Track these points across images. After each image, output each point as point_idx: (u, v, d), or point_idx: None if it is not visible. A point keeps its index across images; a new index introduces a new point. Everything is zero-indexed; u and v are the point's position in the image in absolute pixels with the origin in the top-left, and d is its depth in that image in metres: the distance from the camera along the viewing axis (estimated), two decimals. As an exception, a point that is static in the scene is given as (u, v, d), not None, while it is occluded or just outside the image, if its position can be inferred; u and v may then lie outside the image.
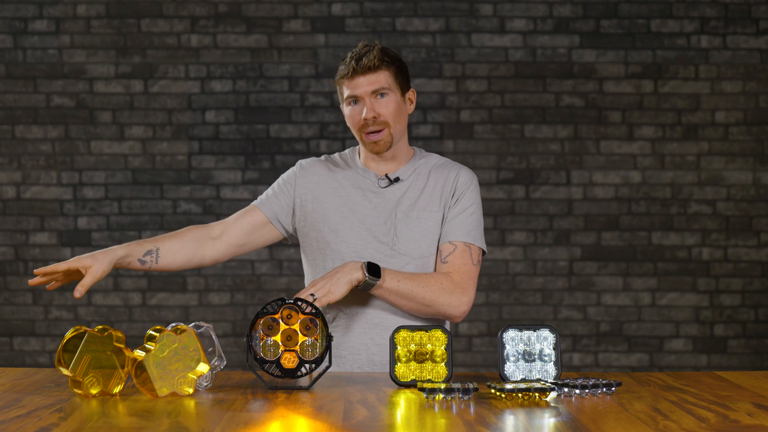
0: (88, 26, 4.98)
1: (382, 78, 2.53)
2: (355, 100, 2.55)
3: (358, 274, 2.42)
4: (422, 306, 2.49)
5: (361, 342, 2.56)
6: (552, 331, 2.20)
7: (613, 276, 5.00)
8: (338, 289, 2.39)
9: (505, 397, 2.02)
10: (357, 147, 2.71)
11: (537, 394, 2.00)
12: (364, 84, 2.52)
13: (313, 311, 2.19)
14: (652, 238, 5.00)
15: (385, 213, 2.59)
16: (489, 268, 4.99)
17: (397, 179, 2.61)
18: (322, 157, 2.72)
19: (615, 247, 5.00)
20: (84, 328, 2.10)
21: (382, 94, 2.54)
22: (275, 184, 2.70)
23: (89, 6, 4.97)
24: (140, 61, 4.99)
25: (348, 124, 2.61)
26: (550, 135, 5.00)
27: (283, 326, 2.17)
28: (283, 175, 2.70)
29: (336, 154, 2.73)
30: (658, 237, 5.00)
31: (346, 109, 2.58)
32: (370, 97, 2.53)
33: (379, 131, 2.54)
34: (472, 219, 2.60)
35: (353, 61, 2.52)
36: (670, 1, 4.99)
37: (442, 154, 4.97)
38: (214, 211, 4.96)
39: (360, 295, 2.54)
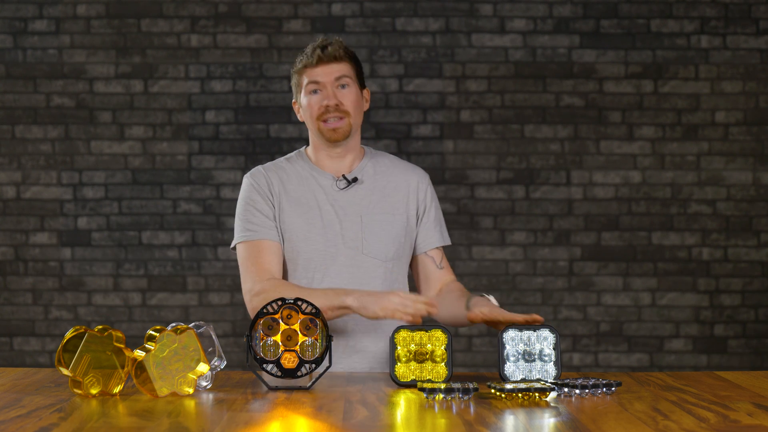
0: (88, 26, 4.98)
1: (345, 69, 2.53)
2: (315, 89, 2.52)
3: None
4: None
5: (341, 368, 2.56)
6: (552, 331, 2.20)
7: (613, 276, 5.00)
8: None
9: (505, 397, 2.02)
10: (303, 149, 2.66)
11: (537, 394, 2.00)
12: (328, 72, 2.51)
13: (313, 311, 2.19)
14: (652, 238, 5.00)
15: (351, 216, 2.56)
16: (489, 268, 4.99)
17: (355, 179, 2.58)
18: (268, 165, 2.63)
19: (615, 247, 5.00)
20: (84, 328, 2.10)
21: (343, 85, 2.52)
22: (251, 206, 2.56)
23: (89, 6, 4.97)
24: (140, 61, 4.99)
25: (304, 115, 2.56)
26: (550, 135, 5.00)
27: (283, 326, 2.17)
28: (249, 196, 2.57)
29: (281, 160, 2.64)
30: (658, 237, 5.00)
31: (305, 99, 2.54)
32: (332, 84, 2.51)
33: (340, 119, 2.52)
34: (441, 220, 2.69)
35: (319, 50, 2.51)
36: (670, 1, 4.99)
37: (441, 154, 4.97)
38: (214, 211, 4.96)
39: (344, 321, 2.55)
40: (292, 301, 2.18)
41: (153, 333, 2.13)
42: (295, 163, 2.62)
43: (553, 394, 2.06)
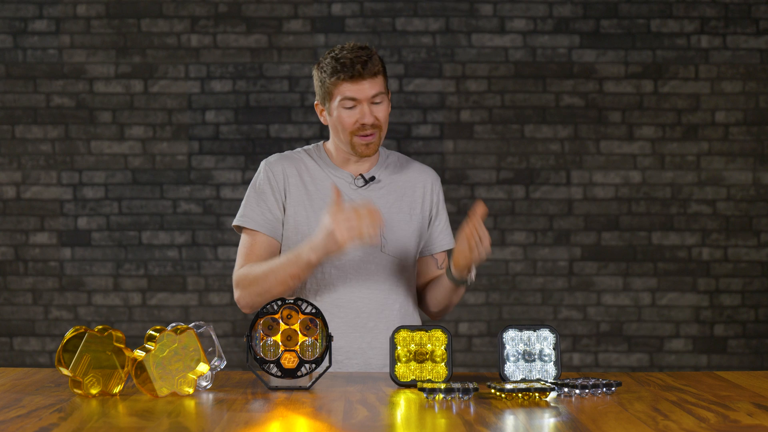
0: (88, 26, 4.98)
1: (380, 84, 2.50)
2: (352, 105, 2.48)
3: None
4: (453, 305, 2.67)
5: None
6: (552, 331, 2.20)
7: (613, 276, 5.00)
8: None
9: (505, 397, 2.02)
10: (321, 144, 2.65)
11: (537, 394, 2.00)
12: (368, 89, 2.47)
13: (313, 311, 2.19)
14: (652, 238, 5.00)
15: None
16: (489, 268, 4.99)
17: (372, 178, 2.59)
18: (287, 154, 2.62)
19: (615, 247, 5.00)
20: (84, 328, 2.10)
21: (378, 101, 2.50)
22: (258, 196, 2.56)
23: (89, 6, 4.97)
24: (140, 61, 4.99)
25: (334, 126, 2.53)
26: (550, 135, 5.00)
27: (283, 326, 2.17)
28: (260, 185, 2.57)
29: (300, 150, 2.63)
30: (658, 237, 5.00)
31: (337, 111, 2.50)
32: (368, 101, 2.48)
33: (373, 134, 2.52)
34: (448, 223, 2.71)
35: (359, 66, 2.45)
36: (670, 1, 4.99)
37: (441, 154, 4.97)
38: (214, 211, 4.96)
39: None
40: (292, 301, 2.18)
41: (153, 333, 2.13)
42: (314, 157, 2.62)
43: (553, 394, 2.06)
